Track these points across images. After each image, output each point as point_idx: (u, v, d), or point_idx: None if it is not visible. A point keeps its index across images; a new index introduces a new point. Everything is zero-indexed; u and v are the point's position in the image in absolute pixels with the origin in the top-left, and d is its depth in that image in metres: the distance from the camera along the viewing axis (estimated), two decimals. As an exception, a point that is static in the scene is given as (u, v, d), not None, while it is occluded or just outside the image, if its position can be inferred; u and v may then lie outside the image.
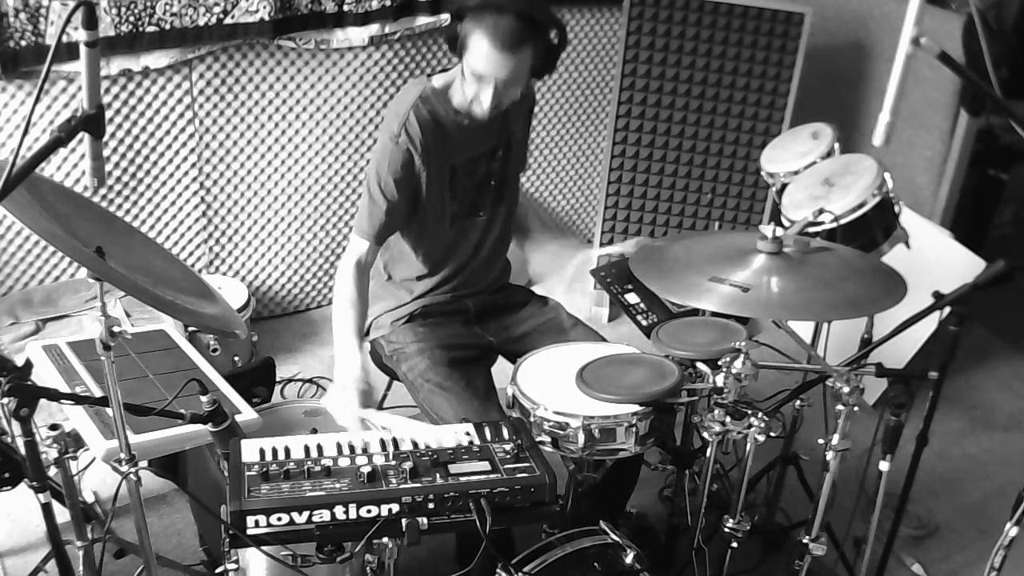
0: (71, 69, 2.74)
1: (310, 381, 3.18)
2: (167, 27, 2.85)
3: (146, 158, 3.04)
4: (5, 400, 1.44)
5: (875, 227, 2.15)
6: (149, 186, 3.09)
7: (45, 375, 1.91)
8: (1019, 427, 3.21)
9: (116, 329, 1.47)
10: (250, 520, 1.42)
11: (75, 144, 2.31)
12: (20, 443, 1.55)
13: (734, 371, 1.71)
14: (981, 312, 2.54)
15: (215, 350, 2.79)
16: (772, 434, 1.74)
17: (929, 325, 1.84)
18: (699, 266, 1.83)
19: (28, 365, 1.53)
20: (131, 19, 2.78)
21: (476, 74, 1.89)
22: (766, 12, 3.25)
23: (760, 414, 1.72)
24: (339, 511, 1.45)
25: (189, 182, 3.15)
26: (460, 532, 1.86)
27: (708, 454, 1.80)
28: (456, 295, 2.24)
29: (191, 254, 3.28)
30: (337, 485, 1.48)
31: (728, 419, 1.72)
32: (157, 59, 2.88)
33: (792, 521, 2.54)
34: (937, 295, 1.77)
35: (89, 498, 2.46)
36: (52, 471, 1.70)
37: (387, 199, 1.99)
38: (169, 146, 3.07)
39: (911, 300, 1.76)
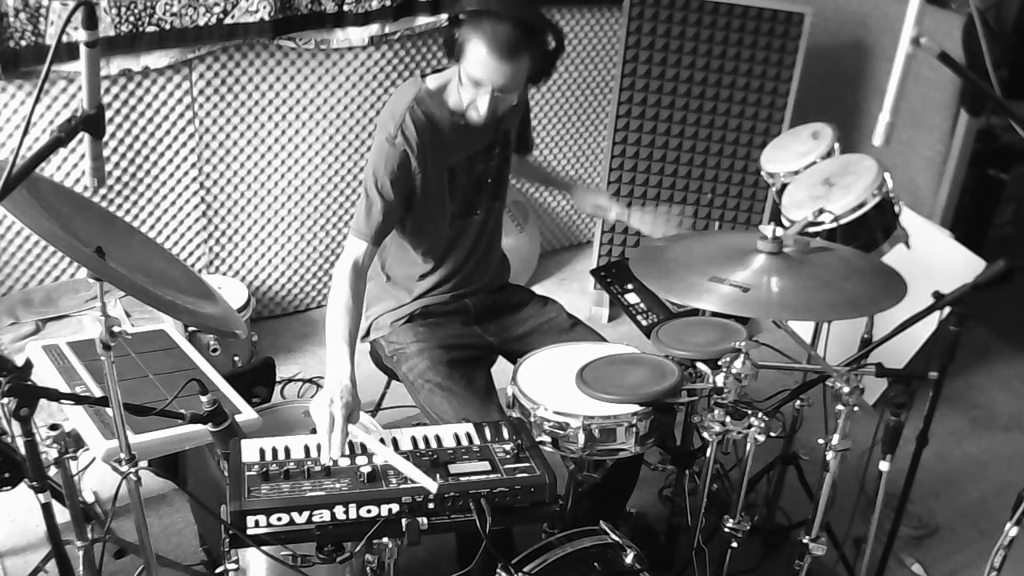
0: (71, 69, 2.74)
1: (310, 381, 3.18)
2: (167, 27, 2.85)
3: (146, 158, 3.04)
4: (5, 400, 1.44)
5: (875, 227, 2.15)
6: (149, 186, 3.09)
7: (45, 375, 1.91)
8: (1019, 427, 3.21)
9: (116, 329, 1.47)
10: (250, 520, 1.43)
11: (75, 144, 2.31)
12: (20, 443, 1.55)
13: (734, 371, 1.71)
14: (981, 312, 2.53)
15: (215, 350, 2.79)
16: (772, 434, 1.75)
17: (929, 325, 1.84)
18: (699, 266, 1.83)
19: (28, 365, 1.53)
20: (131, 19, 2.78)
21: (473, 80, 1.89)
22: (766, 12, 3.25)
23: (760, 414, 1.72)
24: (339, 511, 1.45)
25: (189, 182, 3.15)
26: (460, 532, 1.86)
27: (708, 454, 1.80)
28: (456, 295, 2.24)
29: (191, 254, 3.28)
30: (337, 485, 1.48)
31: (728, 419, 1.72)
32: (157, 59, 2.88)
33: (792, 521, 2.53)
34: (937, 295, 1.77)
35: (89, 498, 2.45)
36: (52, 471, 1.70)
37: (384, 200, 1.99)
38: (169, 146, 3.07)
39: (911, 300, 1.76)
